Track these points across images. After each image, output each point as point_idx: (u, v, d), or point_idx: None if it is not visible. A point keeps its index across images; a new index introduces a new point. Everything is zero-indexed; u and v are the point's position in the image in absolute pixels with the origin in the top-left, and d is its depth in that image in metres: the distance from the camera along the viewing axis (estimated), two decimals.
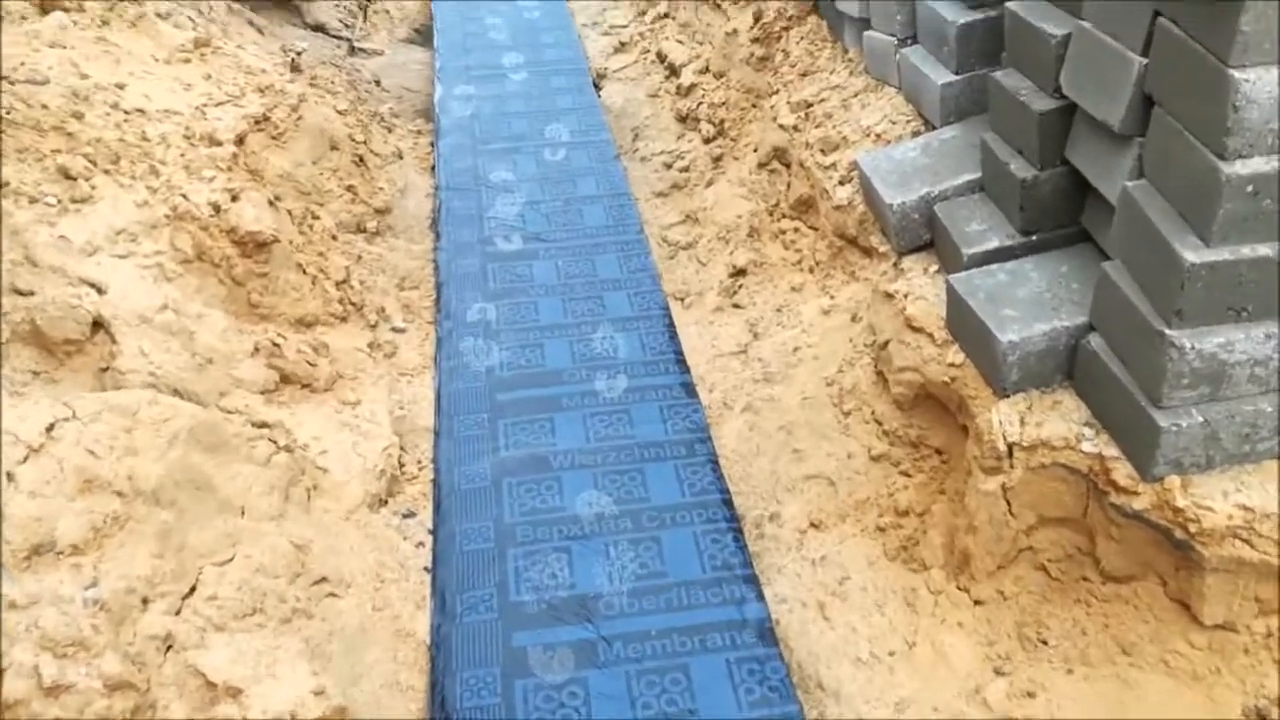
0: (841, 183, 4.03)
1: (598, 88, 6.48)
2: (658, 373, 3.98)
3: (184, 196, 3.65)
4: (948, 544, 3.06)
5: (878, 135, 4.04)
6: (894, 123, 4.04)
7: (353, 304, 4.10)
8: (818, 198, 4.22)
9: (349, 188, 4.79)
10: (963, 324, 3.06)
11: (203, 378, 3.21)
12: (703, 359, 4.09)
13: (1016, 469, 2.81)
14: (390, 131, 5.82)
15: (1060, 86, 2.94)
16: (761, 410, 3.73)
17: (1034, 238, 3.18)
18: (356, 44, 7.04)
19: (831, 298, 3.96)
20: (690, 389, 3.89)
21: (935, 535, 3.09)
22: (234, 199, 3.76)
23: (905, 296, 3.35)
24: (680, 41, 6.40)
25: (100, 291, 3.18)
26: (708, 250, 4.74)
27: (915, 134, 3.95)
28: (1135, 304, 2.55)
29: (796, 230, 4.38)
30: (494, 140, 5.76)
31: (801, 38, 5.05)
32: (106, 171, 3.65)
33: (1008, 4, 3.21)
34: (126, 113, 4.03)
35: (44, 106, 3.72)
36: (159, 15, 4.91)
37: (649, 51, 6.61)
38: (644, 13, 7.09)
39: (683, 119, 5.84)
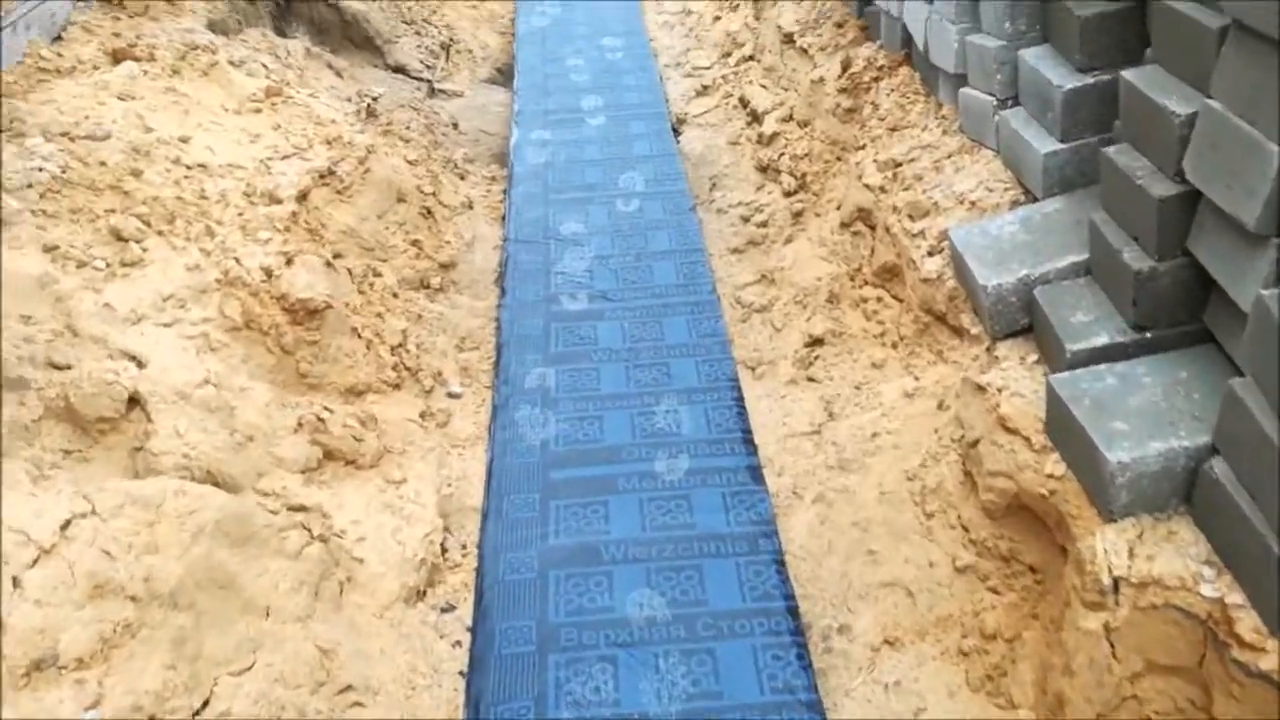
0: (930, 253, 3.71)
1: (677, 133, 6.26)
2: (723, 453, 3.71)
3: (236, 260, 3.53)
4: (1039, 681, 2.71)
5: (972, 203, 3.71)
6: (990, 190, 3.71)
7: (407, 369, 3.93)
8: (904, 267, 3.91)
9: (414, 242, 4.65)
10: (1065, 432, 2.72)
11: (240, 458, 3.05)
12: (772, 438, 3.80)
13: (1123, 607, 2.46)
14: (463, 179, 5.69)
15: (1183, 171, 2.59)
16: (834, 503, 3.43)
17: (1148, 335, 2.82)
18: (437, 85, 6.97)
19: (916, 379, 3.64)
20: (757, 474, 3.61)
21: (1026, 669, 2.75)
22: (289, 262, 3.63)
23: (999, 391, 3.02)
24: (764, 87, 6.14)
25: (140, 365, 3.06)
26: (783, 315, 4.45)
27: (1014, 204, 3.61)
28: (1268, 432, 2.19)
29: (880, 300, 4.06)
30: (567, 189, 5.58)
31: (892, 90, 4.74)
32: (160, 233, 3.56)
33: (1123, 73, 2.87)
34: (188, 168, 3.96)
35: (102, 164, 3.65)
36: (232, 63, 4.86)
37: (731, 96, 6.36)
38: (728, 54, 6.85)
39: (763, 169, 5.57)
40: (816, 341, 4.15)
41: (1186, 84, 2.67)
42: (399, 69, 6.94)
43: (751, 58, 6.56)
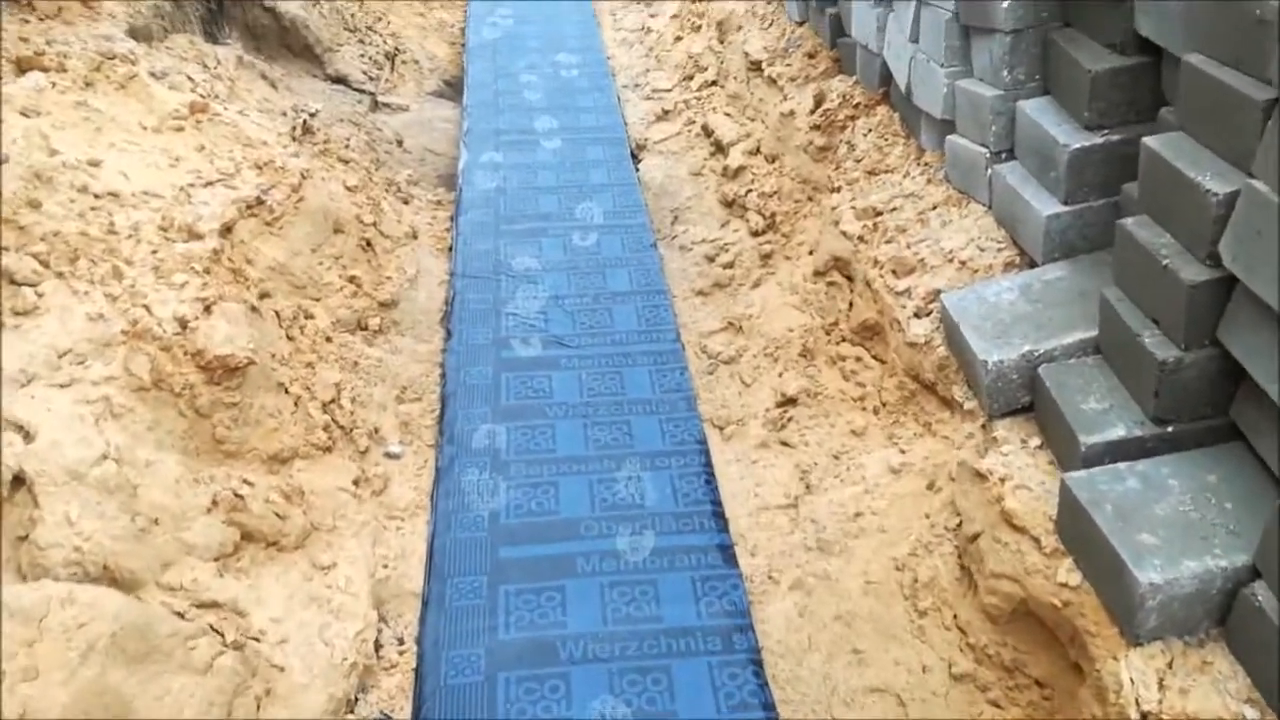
0: (918, 315, 3.43)
1: (636, 159, 5.93)
2: (691, 529, 3.38)
3: (147, 308, 3.11)
4: None
5: (962, 262, 3.44)
6: (982, 249, 3.45)
7: (340, 427, 3.54)
8: (886, 327, 3.63)
9: (351, 278, 4.25)
10: (1082, 538, 2.44)
11: (142, 547, 2.64)
12: (743, 510, 3.48)
13: None
14: (406, 204, 5.29)
15: (1218, 254, 2.34)
16: (815, 590, 3.13)
17: (1169, 429, 2.56)
18: (380, 98, 6.55)
19: (902, 452, 3.35)
20: (729, 554, 3.29)
21: None
22: (207, 309, 3.22)
23: (1002, 481, 2.74)
24: (728, 115, 5.84)
25: (28, 438, 2.63)
26: (753, 368, 4.14)
27: (1008, 265, 3.35)
28: None
29: (859, 360, 3.78)
30: (519, 219, 5.21)
31: (869, 129, 4.48)
32: (60, 275, 3.12)
33: (1145, 140, 2.62)
34: (96, 197, 3.51)
35: None
36: (153, 75, 4.41)
37: (694, 123, 6.05)
38: (690, 78, 6.54)
39: (728, 204, 5.27)
40: (789, 401, 3.85)
41: (1220, 157, 2.42)
42: (340, 80, 6.49)
43: (715, 83, 6.26)
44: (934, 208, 3.78)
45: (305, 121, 5.20)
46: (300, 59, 6.43)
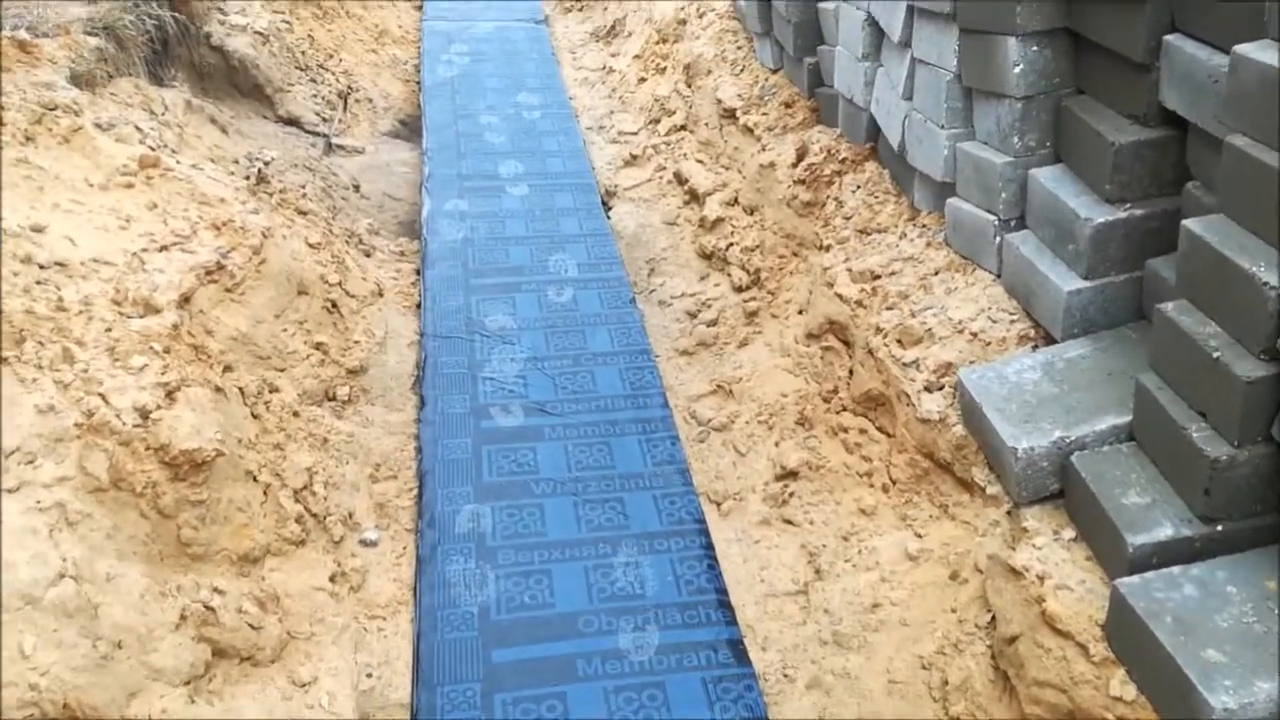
0: (929, 389, 3.29)
1: (607, 206, 5.74)
2: (697, 622, 3.18)
3: (102, 397, 2.81)
4: None
5: (973, 334, 3.31)
6: (994, 320, 3.32)
7: (313, 516, 3.27)
8: (893, 399, 3.48)
9: (318, 345, 3.98)
10: (1138, 649, 2.30)
11: (106, 676, 2.35)
12: (750, 598, 3.29)
13: None
14: (369, 256, 5.03)
15: (1276, 349, 2.22)
16: (834, 689, 2.94)
17: (1219, 528, 2.43)
18: (334, 140, 6.27)
19: (918, 536, 3.19)
20: (739, 650, 3.09)
21: None
22: (169, 396, 2.93)
23: (1041, 580, 2.58)
24: (701, 162, 5.69)
25: None
26: (746, 436, 3.96)
27: (1022, 338, 3.23)
28: None
29: (864, 432, 3.62)
30: (490, 272, 4.98)
31: (858, 186, 4.35)
32: (4, 360, 2.81)
33: (1186, 223, 2.50)
34: (42, 267, 3.21)
35: None
36: (99, 126, 4.10)
37: (665, 169, 5.89)
38: (657, 121, 6.38)
39: (706, 256, 5.11)
40: (790, 474, 3.68)
41: (1269, 245, 2.31)
42: (292, 121, 6.21)
43: (684, 128, 6.11)
44: (936, 273, 3.65)
45: (260, 170, 4.92)
46: (250, 99, 6.13)
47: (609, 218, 5.60)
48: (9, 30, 4.48)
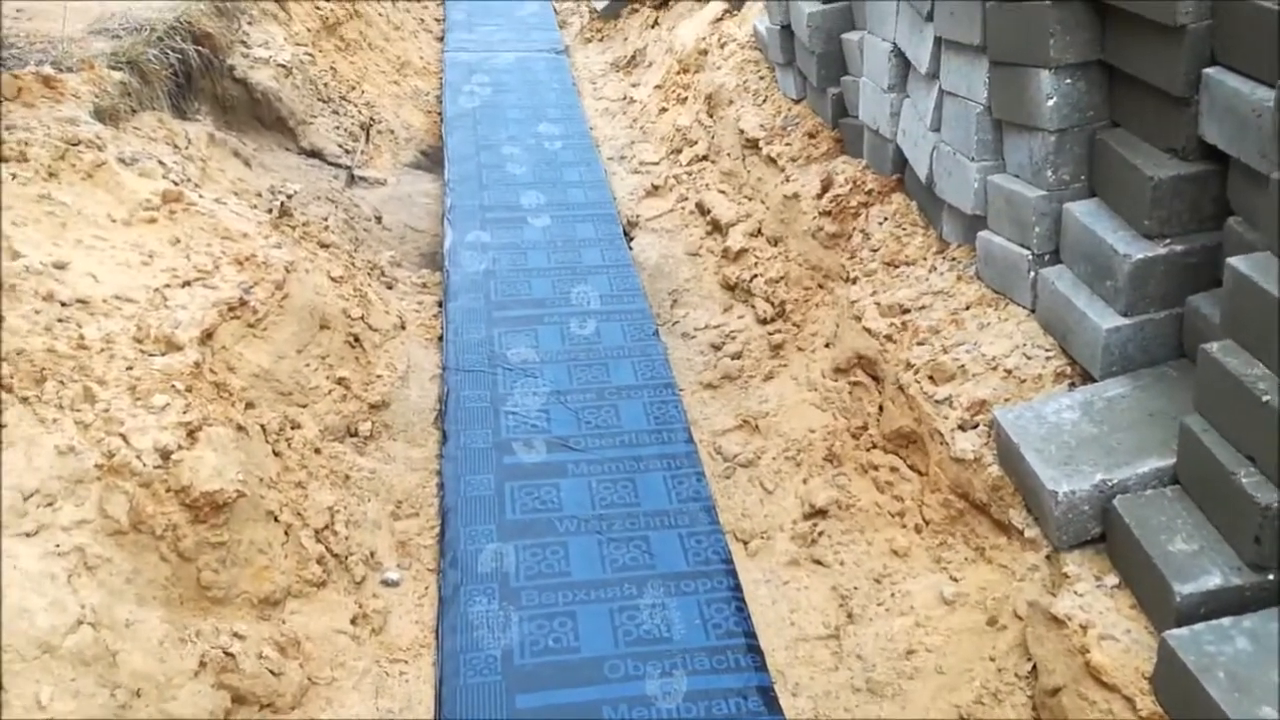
0: (962, 427, 3.21)
1: (628, 237, 5.71)
2: (726, 667, 3.09)
3: (123, 438, 2.78)
4: None
5: (1008, 371, 3.23)
6: (1029, 357, 3.24)
7: (335, 556, 3.22)
8: (926, 437, 3.40)
9: (340, 380, 3.94)
10: (1190, 706, 2.20)
11: None
12: (780, 642, 3.21)
13: None
14: (390, 288, 5.00)
15: None
16: None
17: (1269, 576, 2.34)
18: (357, 171, 6.28)
19: (954, 580, 3.11)
20: (770, 698, 3.00)
21: None
22: (191, 436, 2.89)
23: (1084, 630, 2.50)
24: (723, 192, 5.65)
25: None
26: (773, 472, 3.89)
27: (1058, 375, 3.15)
28: None
29: (894, 470, 3.54)
30: (512, 304, 4.95)
31: (885, 218, 4.29)
32: (25, 400, 2.79)
33: (1232, 261, 2.43)
34: (64, 305, 3.19)
35: None
36: (122, 161, 4.10)
37: (687, 199, 5.85)
38: (678, 151, 6.36)
39: (730, 287, 5.06)
40: (819, 513, 3.60)
41: None
42: (314, 153, 6.22)
43: (706, 158, 6.08)
44: (968, 307, 3.58)
45: (283, 204, 4.91)
46: (273, 131, 6.15)
47: (631, 248, 5.56)
48: (34, 66, 4.51)
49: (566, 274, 5.23)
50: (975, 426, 3.19)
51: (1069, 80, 3.12)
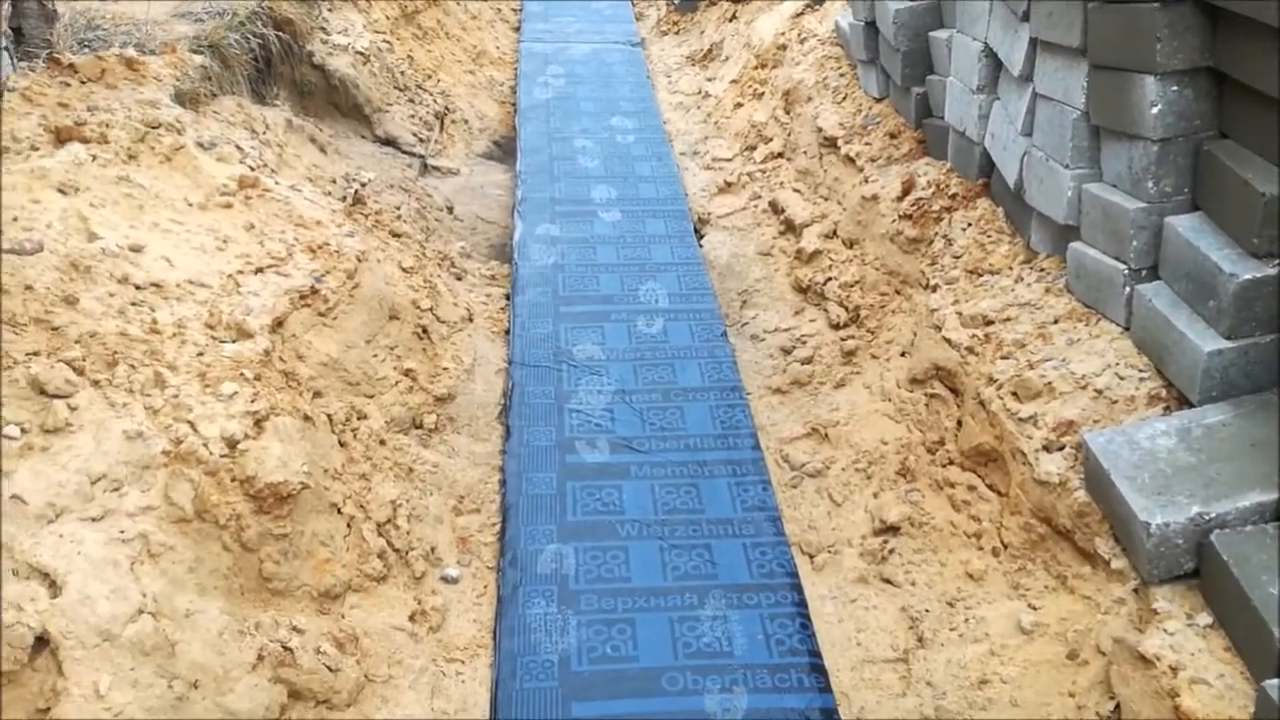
0: (1047, 448, 3.06)
1: (699, 233, 5.62)
2: (789, 686, 2.99)
3: (191, 425, 2.77)
4: None
5: (1098, 391, 3.07)
6: (1121, 377, 3.08)
7: (396, 550, 3.19)
8: (1007, 456, 3.26)
9: (407, 371, 3.92)
10: None
11: (180, 717, 2.28)
12: (845, 663, 3.10)
13: None
14: (460, 280, 4.98)
15: None
16: None
17: None
18: (430, 160, 6.28)
19: (1032, 608, 2.96)
20: None
21: None
22: (258, 425, 2.88)
23: (1174, 671, 2.35)
24: (798, 191, 5.53)
25: (55, 589, 2.29)
26: (842, 484, 3.77)
27: (1152, 398, 2.98)
28: None
29: (972, 489, 3.40)
30: (579, 300, 4.89)
31: (969, 224, 4.14)
32: (96, 383, 2.80)
33: None
34: (138, 288, 3.21)
35: (28, 288, 2.89)
36: (201, 145, 4.12)
37: (760, 197, 5.74)
38: (753, 148, 6.24)
39: (802, 289, 4.93)
40: (890, 529, 3.48)
41: None
42: (389, 141, 6.24)
43: (781, 155, 5.96)
44: (1056, 321, 3.42)
45: (357, 191, 4.92)
46: (349, 119, 6.19)
47: (701, 246, 5.47)
48: (118, 48, 4.56)
49: (635, 270, 5.16)
50: (1061, 448, 3.04)
51: (1175, 87, 2.95)
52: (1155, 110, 2.96)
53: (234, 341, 3.18)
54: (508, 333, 4.64)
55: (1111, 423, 2.99)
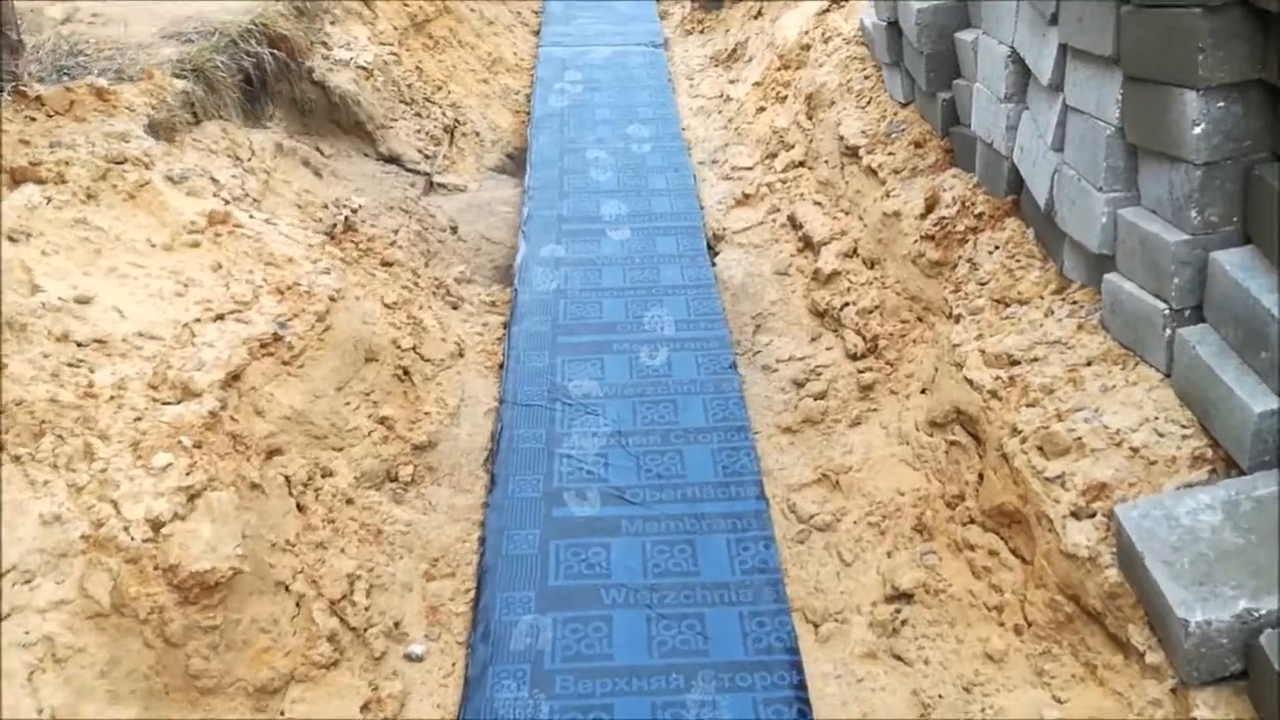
0: (1076, 515, 2.69)
1: (713, 250, 5.29)
2: None
3: (114, 505, 2.53)
4: None
5: (1134, 449, 2.70)
6: (1161, 434, 2.70)
7: (351, 629, 2.93)
8: (1032, 519, 2.89)
9: (382, 420, 3.67)
10: None
11: None
12: None
13: None
14: (455, 308, 4.72)
15: None
16: None
17: None
18: (436, 178, 6.02)
19: (1057, 700, 2.61)
20: None
21: None
22: (191, 499, 2.64)
23: None
24: (819, 204, 5.17)
25: None
26: (853, 540, 3.43)
27: (1197, 460, 2.60)
28: None
29: (994, 555, 3.04)
30: (580, 329, 4.60)
31: (996, 246, 3.75)
32: (18, 458, 2.58)
33: None
34: (79, 345, 2.99)
35: None
36: (170, 179, 3.91)
37: (779, 210, 5.39)
38: (774, 155, 5.88)
39: (819, 313, 4.58)
40: (903, 596, 3.13)
41: None
42: (393, 159, 5.99)
43: (802, 164, 5.59)
44: (1089, 364, 3.04)
45: (346, 218, 4.68)
46: (350, 136, 5.95)
47: (714, 264, 5.14)
48: (94, 75, 4.37)
49: (642, 294, 4.85)
50: (1092, 515, 2.67)
51: (1221, 103, 2.55)
52: (1198, 130, 2.57)
53: (177, 403, 2.95)
54: (501, 367, 4.36)
55: (1148, 486, 2.62)
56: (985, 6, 3.91)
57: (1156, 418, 2.74)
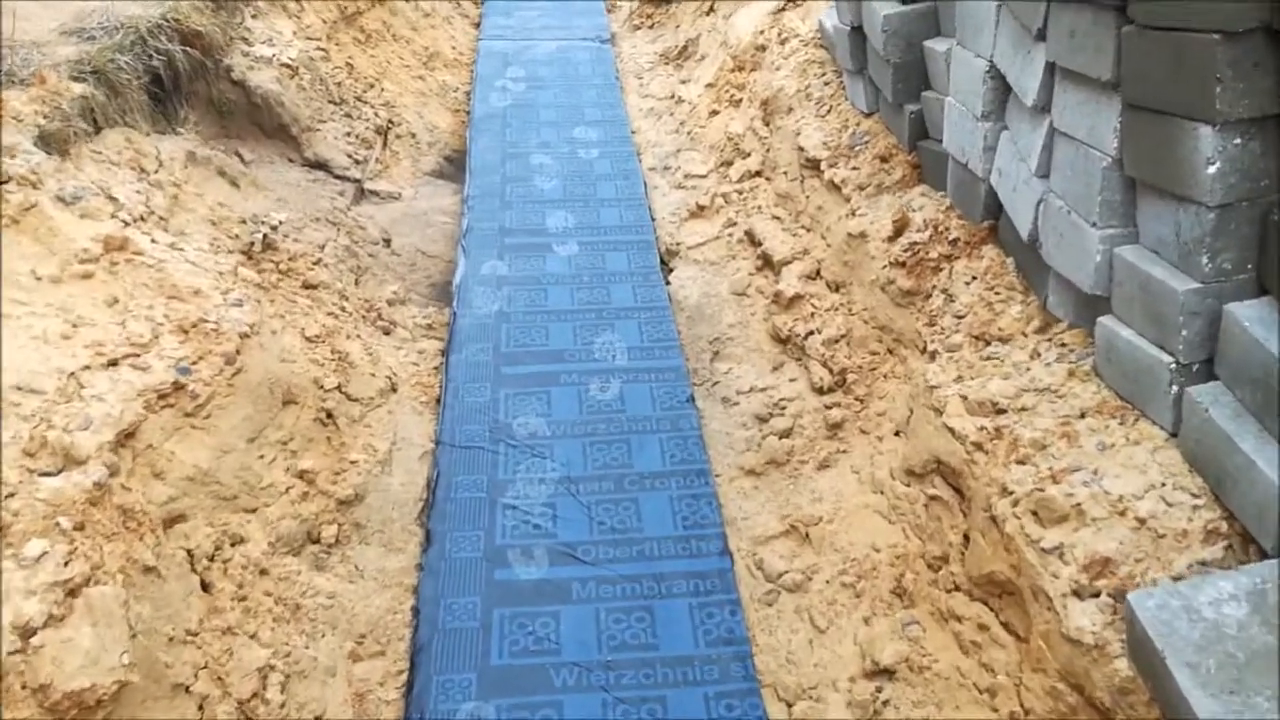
0: (1078, 593, 2.43)
1: (666, 266, 4.97)
2: None
3: None
4: None
5: (1140, 520, 2.44)
6: (1170, 504, 2.44)
7: None
8: (1027, 594, 2.62)
9: (302, 473, 3.29)
10: None
11: None
12: None
13: None
14: (388, 334, 4.34)
15: None
16: None
17: None
18: (367, 184, 5.60)
19: None
20: None
21: None
22: (70, 595, 2.25)
23: None
24: (778, 219, 4.87)
25: None
26: (827, 602, 3.15)
27: (1211, 535, 2.35)
28: None
29: (984, 629, 2.77)
30: (525, 357, 4.25)
31: (973, 277, 3.48)
32: None
33: None
34: None
35: None
36: (61, 200, 3.47)
37: (735, 224, 5.08)
38: (729, 163, 5.57)
39: (782, 340, 4.29)
40: (884, 672, 2.85)
41: None
42: (320, 165, 5.55)
43: (759, 174, 5.29)
44: (1083, 416, 2.78)
45: (265, 236, 4.26)
46: (273, 140, 5.50)
47: (669, 283, 4.82)
48: None
49: (592, 317, 4.51)
50: (1096, 595, 2.40)
51: (1238, 140, 2.29)
52: (1213, 169, 2.31)
53: (57, 473, 2.54)
54: (439, 401, 4.00)
55: (1158, 563, 2.36)
56: (960, 14, 3.62)
57: (1164, 484, 2.48)
